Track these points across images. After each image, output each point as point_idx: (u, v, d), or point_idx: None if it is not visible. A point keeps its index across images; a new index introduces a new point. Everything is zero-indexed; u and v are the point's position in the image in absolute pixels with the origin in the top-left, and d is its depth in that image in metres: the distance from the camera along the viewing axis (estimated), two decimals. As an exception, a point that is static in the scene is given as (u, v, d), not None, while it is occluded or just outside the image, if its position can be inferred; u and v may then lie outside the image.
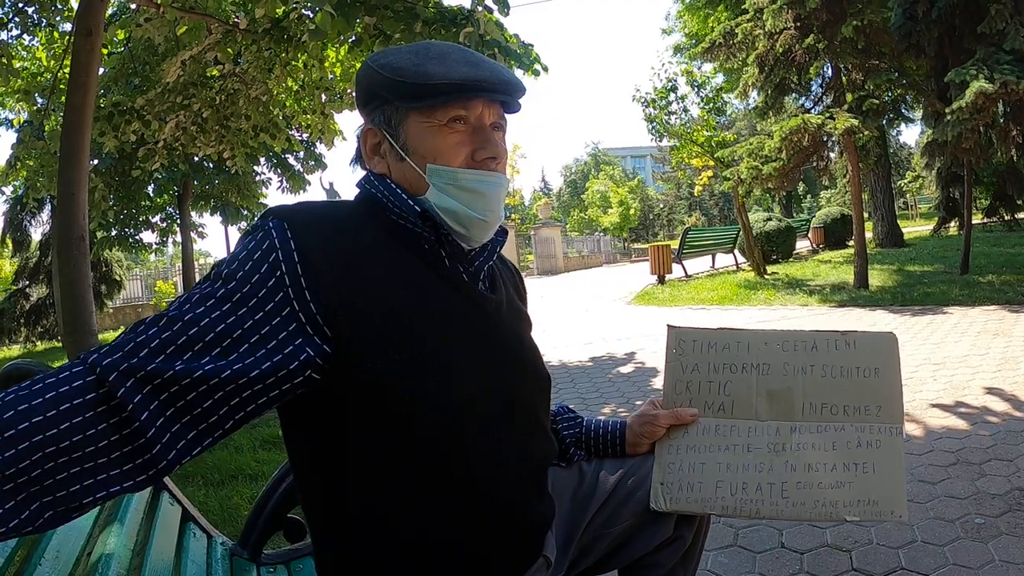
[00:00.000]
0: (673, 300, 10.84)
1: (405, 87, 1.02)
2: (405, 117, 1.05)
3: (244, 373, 0.86)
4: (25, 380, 1.45)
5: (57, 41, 8.02)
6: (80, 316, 4.80)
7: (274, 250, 0.92)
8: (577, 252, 30.83)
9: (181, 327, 0.86)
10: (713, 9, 19.83)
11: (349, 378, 0.94)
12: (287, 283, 0.91)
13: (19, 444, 0.75)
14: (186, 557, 1.33)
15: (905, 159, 45.96)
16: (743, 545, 2.45)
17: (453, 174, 1.03)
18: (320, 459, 1.01)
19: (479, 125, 1.05)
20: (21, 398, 0.78)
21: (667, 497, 1.24)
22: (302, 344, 0.90)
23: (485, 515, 1.03)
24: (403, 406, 0.96)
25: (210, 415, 0.86)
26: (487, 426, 1.04)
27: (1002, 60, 7.65)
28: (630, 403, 4.66)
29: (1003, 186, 17.12)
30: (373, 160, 1.10)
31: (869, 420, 1.22)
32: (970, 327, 6.23)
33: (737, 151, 10.47)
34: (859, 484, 1.19)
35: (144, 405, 0.82)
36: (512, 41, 5.81)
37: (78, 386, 0.80)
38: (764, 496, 1.21)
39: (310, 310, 0.91)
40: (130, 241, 13.72)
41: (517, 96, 1.08)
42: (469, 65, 1.03)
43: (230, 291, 0.89)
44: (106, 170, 10.01)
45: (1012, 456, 3.05)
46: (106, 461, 0.81)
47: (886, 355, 1.25)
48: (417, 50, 1.05)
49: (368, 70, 1.06)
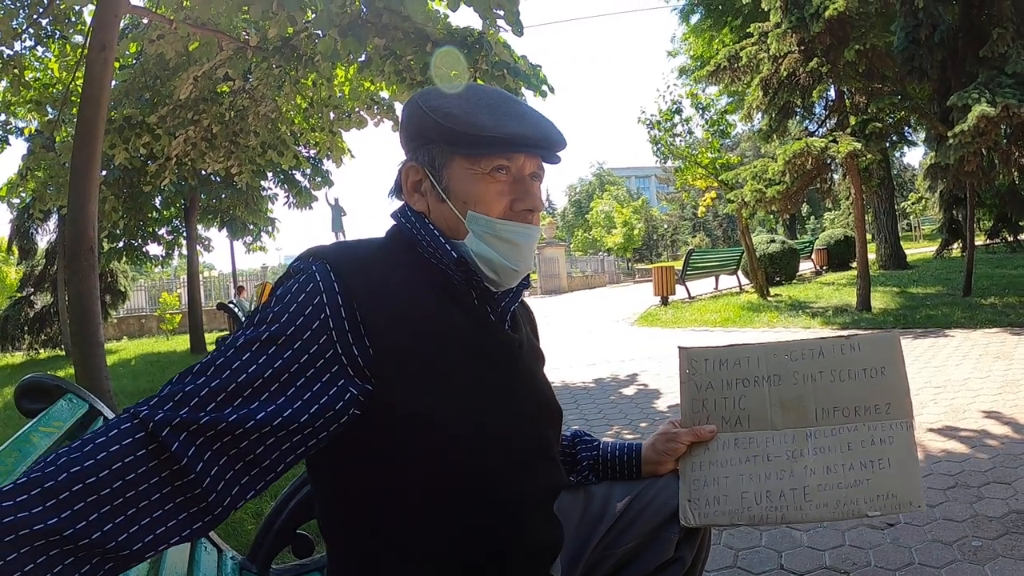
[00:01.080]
0: (676, 322, 10.86)
1: (454, 134, 1.04)
2: (450, 161, 1.07)
3: (295, 419, 0.89)
4: (41, 394, 1.49)
5: (69, 53, 8.12)
6: (87, 327, 4.85)
7: (318, 293, 0.95)
8: (581, 272, 30.89)
9: (229, 375, 0.88)
10: (718, 32, 19.97)
11: (386, 416, 0.97)
12: (331, 326, 0.94)
13: (75, 505, 0.76)
14: (198, 571, 1.36)
15: (908, 181, 46.02)
16: (743, 567, 2.46)
17: (492, 224, 1.06)
18: (346, 490, 1.04)
19: (520, 176, 1.08)
20: (74, 460, 0.79)
21: (695, 512, 1.26)
22: (345, 385, 0.93)
23: (503, 545, 1.07)
24: (436, 442, 0.99)
25: (262, 460, 0.90)
26: (513, 462, 1.08)
27: (1004, 84, 7.71)
28: (633, 425, 4.68)
29: (1006, 208, 17.18)
30: (413, 197, 1.12)
31: (880, 418, 1.26)
32: (972, 350, 6.24)
33: (741, 174, 10.52)
34: (876, 480, 1.22)
35: (198, 457, 0.84)
36: (520, 62, 5.89)
37: (129, 444, 0.82)
38: (788, 502, 1.24)
39: (352, 352, 0.94)
40: (137, 253, 13.80)
41: (558, 151, 1.11)
42: (518, 119, 1.06)
43: (274, 334, 0.92)
44: (115, 181, 10.09)
45: (1010, 479, 3.07)
46: (162, 514, 0.83)
47: (890, 354, 1.29)
48: (468, 97, 1.07)
49: (417, 109, 1.08)
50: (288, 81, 6.61)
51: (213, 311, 18.22)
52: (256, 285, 17.98)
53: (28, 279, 16.08)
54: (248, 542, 1.80)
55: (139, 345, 16.00)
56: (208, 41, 6.51)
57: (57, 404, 1.42)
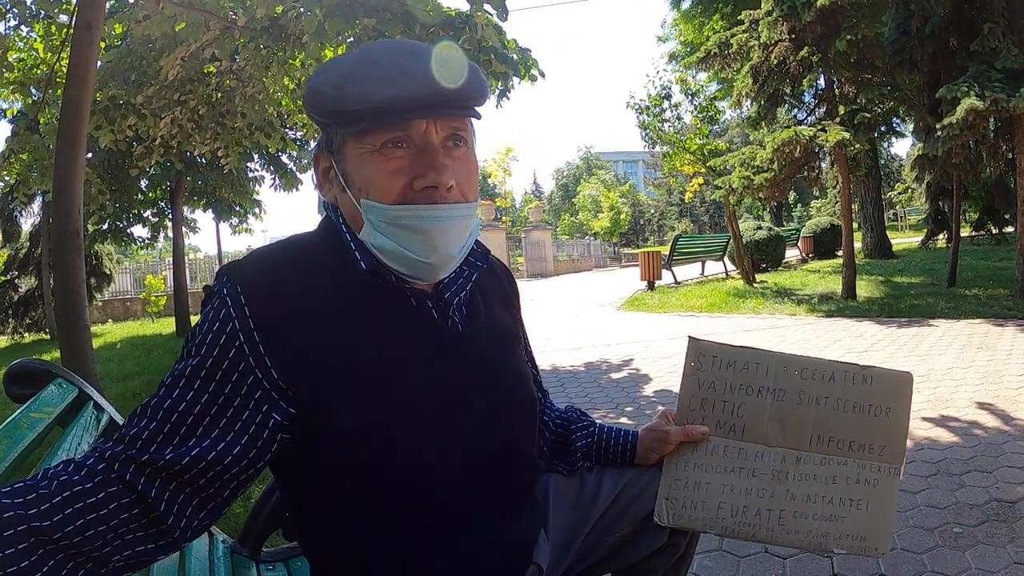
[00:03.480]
0: (663, 307, 10.90)
1: (335, 113, 0.93)
2: (344, 143, 0.96)
3: (228, 452, 0.90)
4: (31, 379, 1.48)
5: (55, 33, 7.98)
6: (73, 310, 4.80)
7: (230, 320, 0.91)
8: (567, 256, 30.91)
9: (162, 416, 0.89)
10: (708, 18, 19.93)
11: (319, 436, 0.94)
12: (247, 352, 0.90)
13: (48, 545, 0.78)
14: (190, 554, 1.36)
15: (896, 171, 46.25)
16: (728, 550, 2.50)
17: (383, 211, 0.93)
18: (304, 504, 1.05)
19: (424, 145, 0.94)
20: (54, 505, 0.80)
21: (671, 513, 1.27)
22: (268, 411, 0.91)
23: (470, 544, 1.03)
24: (376, 455, 0.95)
25: (216, 494, 0.92)
26: (468, 464, 1.03)
27: (993, 78, 7.74)
28: (619, 409, 4.71)
29: (991, 201, 17.31)
30: (324, 187, 1.03)
31: (871, 458, 1.26)
32: (955, 340, 6.31)
33: (729, 160, 10.55)
34: (851, 520, 1.23)
35: (160, 493, 0.87)
36: (511, 46, 5.85)
37: (100, 481, 0.84)
38: (762, 521, 1.25)
39: (272, 376, 0.91)
40: (122, 235, 13.67)
41: (470, 104, 0.96)
42: (400, 77, 0.89)
43: (195, 368, 0.91)
44: (100, 164, 9.97)
45: (991, 468, 3.12)
46: (129, 542, 0.86)
47: (899, 396, 1.28)
48: (347, 63, 0.93)
49: (305, 91, 0.97)
50: (276, 62, 6.54)
51: (199, 293, 18.10)
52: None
53: (12, 262, 15.88)
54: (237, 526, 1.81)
55: (124, 328, 15.88)
56: (195, 21, 6.42)
57: (47, 389, 1.41)
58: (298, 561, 1.55)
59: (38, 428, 1.24)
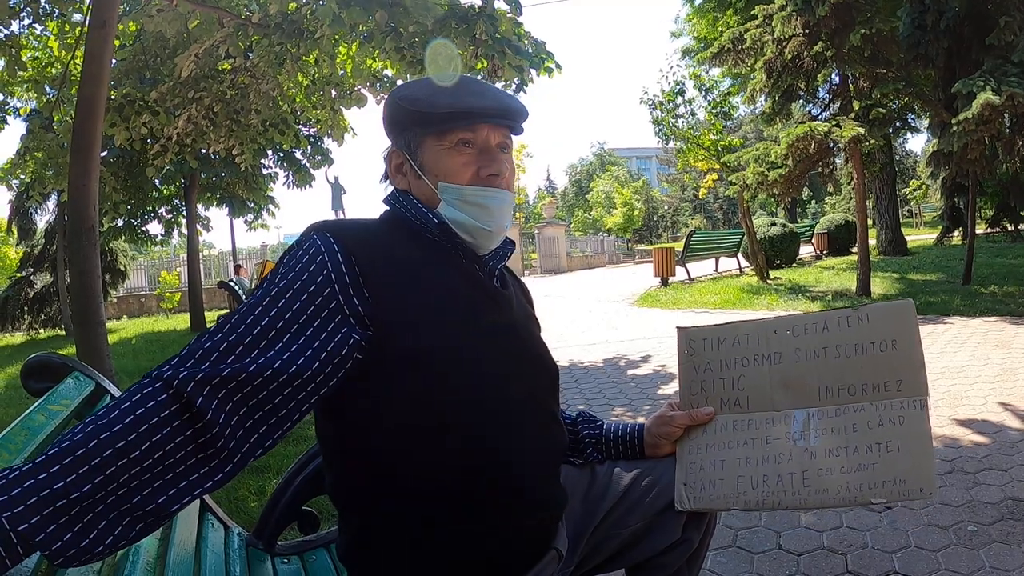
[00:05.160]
0: (676, 303, 10.87)
1: (422, 116, 1.16)
2: (422, 141, 1.19)
3: (307, 366, 0.97)
4: (48, 373, 1.51)
5: (69, 31, 8.04)
6: (89, 306, 4.85)
7: (320, 253, 1.05)
8: (581, 252, 30.88)
9: (244, 329, 0.97)
10: (722, 13, 19.79)
11: (386, 359, 1.04)
12: (334, 280, 1.03)
13: (107, 469, 0.82)
14: (205, 547, 1.37)
15: (911, 167, 45.89)
16: (741, 546, 2.49)
17: (460, 190, 1.17)
18: (349, 436, 1.10)
19: (485, 146, 1.18)
20: (101, 427, 0.84)
21: (690, 496, 1.25)
22: (348, 332, 1.01)
23: (505, 493, 1.11)
24: (434, 381, 1.06)
25: (279, 409, 0.97)
26: (511, 410, 1.13)
27: (1009, 72, 7.65)
28: (635, 407, 4.70)
29: (1007, 197, 17.16)
30: (397, 178, 1.25)
31: (890, 396, 1.18)
32: (970, 337, 6.26)
33: (743, 156, 10.48)
34: (884, 465, 1.13)
35: (220, 409, 0.90)
36: (524, 37, 5.84)
37: (154, 406, 0.87)
38: (785, 487, 1.19)
39: (353, 303, 1.03)
40: (136, 232, 13.78)
41: (519, 121, 1.21)
42: (474, 95, 1.16)
43: (282, 289, 1.01)
44: (114, 160, 10.03)
45: (1006, 466, 3.09)
46: (185, 468, 0.89)
47: (903, 325, 1.20)
48: (431, 82, 1.19)
49: (392, 102, 1.21)
50: (289, 58, 6.55)
51: (213, 289, 18.22)
52: (256, 263, 17.95)
53: (28, 259, 16.02)
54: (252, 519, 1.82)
55: (139, 324, 16.01)
56: (209, 18, 6.46)
57: (64, 383, 1.43)
58: (313, 554, 1.57)
59: (56, 420, 1.25)
